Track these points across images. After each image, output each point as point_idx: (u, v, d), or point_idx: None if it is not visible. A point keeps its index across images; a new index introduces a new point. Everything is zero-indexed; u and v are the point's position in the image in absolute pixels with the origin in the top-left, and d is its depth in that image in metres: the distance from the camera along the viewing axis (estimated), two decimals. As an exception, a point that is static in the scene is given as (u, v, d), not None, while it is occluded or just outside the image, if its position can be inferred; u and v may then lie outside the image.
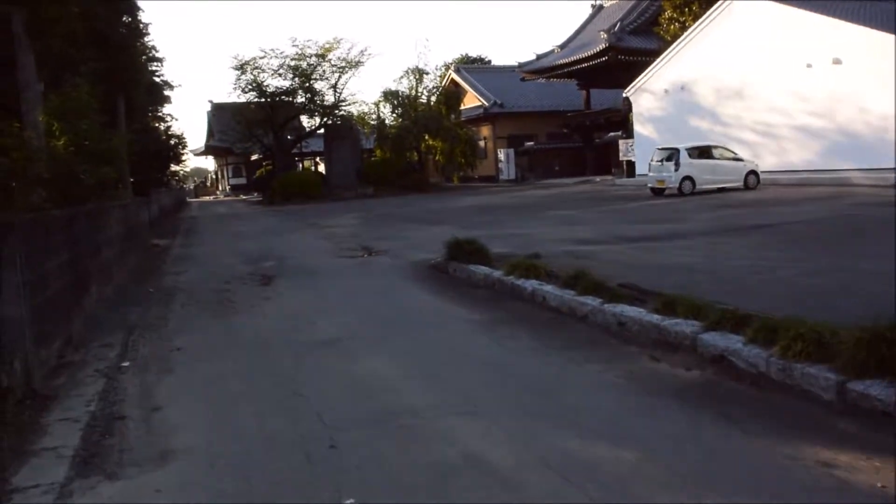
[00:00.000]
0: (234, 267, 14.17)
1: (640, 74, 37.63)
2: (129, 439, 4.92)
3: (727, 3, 30.29)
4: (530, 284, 8.60)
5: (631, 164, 39.06)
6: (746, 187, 25.90)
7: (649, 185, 26.62)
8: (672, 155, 25.79)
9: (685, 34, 33.72)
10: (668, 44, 36.53)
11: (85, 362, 7.23)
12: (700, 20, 32.41)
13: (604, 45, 41.08)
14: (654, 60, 36.83)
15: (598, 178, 42.92)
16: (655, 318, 6.40)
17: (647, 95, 36.90)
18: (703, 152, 26.56)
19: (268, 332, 8.03)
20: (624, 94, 39.00)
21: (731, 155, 26.76)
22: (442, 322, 7.95)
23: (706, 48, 31.86)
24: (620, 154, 40.57)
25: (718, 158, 26.45)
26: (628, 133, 40.18)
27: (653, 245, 12.49)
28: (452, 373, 5.98)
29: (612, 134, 44.79)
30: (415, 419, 4.86)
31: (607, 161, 45.98)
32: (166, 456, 4.54)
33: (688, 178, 25.35)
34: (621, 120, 42.34)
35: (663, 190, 25.78)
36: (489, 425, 4.65)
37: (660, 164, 26.06)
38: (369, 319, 8.40)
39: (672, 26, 38.39)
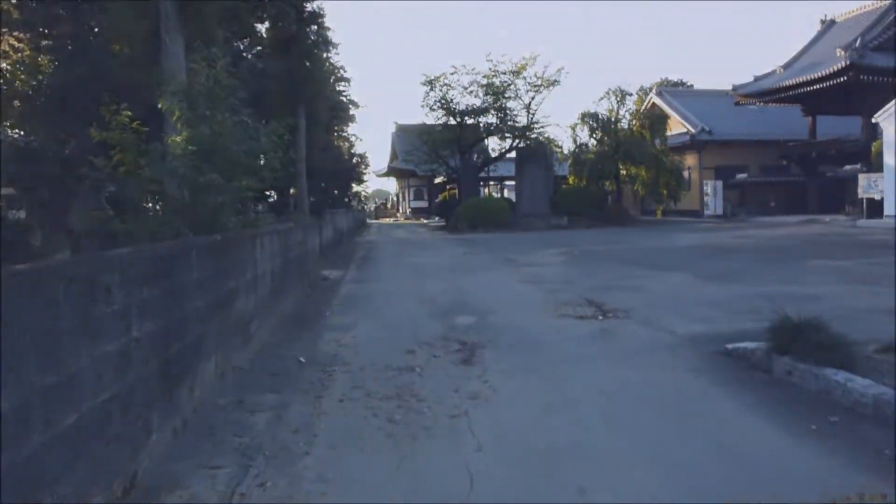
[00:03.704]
0: (418, 322, 10.38)
1: (884, 97, 31.57)
2: None
3: None
4: None
5: (874, 203, 32.79)
6: None
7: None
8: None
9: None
10: (926, 60, 30.39)
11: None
12: None
13: (842, 64, 35.12)
14: (903, 81, 30.78)
15: (826, 218, 36.68)
16: None
17: (906, 121, 30.63)
18: None
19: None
20: (873, 120, 32.83)
21: None
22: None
23: None
24: (860, 191, 34.22)
25: None
26: (871, 166, 33.88)
27: None
28: None
29: (848, 167, 38.41)
30: None
31: (836, 198, 39.66)
32: None
33: None
34: (860, 151, 36.07)
35: (950, 237, 20.04)
36: None
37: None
38: (698, 497, 4.17)
39: (934, 39, 32.08)
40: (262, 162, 8.18)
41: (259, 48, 24.82)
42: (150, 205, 8.05)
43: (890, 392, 5.42)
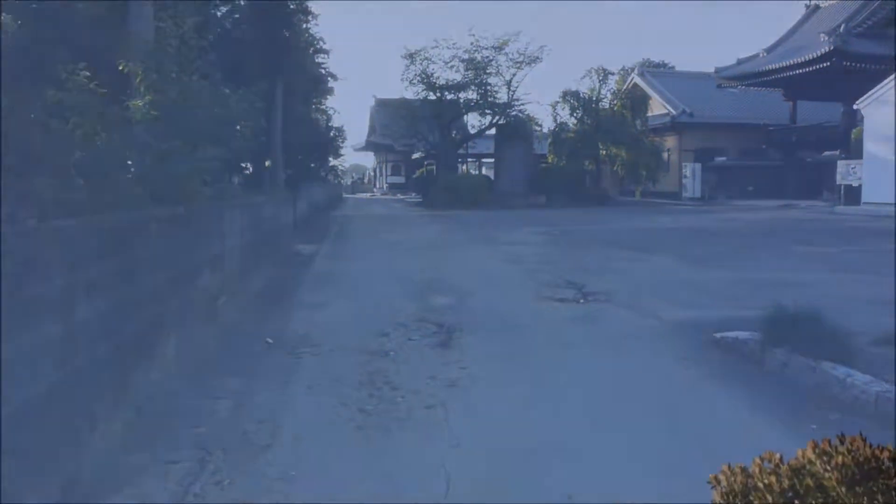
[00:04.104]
0: (393, 302, 9.96)
1: (865, 84, 31.20)
2: None
3: None
4: None
5: (852, 190, 32.66)
6: None
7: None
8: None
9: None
10: (909, 48, 30.13)
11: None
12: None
13: (826, 49, 34.85)
14: (887, 68, 30.45)
15: (803, 203, 36.45)
16: None
17: (887, 109, 30.38)
18: None
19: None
20: (855, 107, 32.63)
21: None
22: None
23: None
24: (838, 177, 34.04)
25: None
26: (850, 152, 33.75)
27: None
28: None
29: (828, 153, 38.29)
30: None
31: (813, 184, 39.51)
32: None
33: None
34: (839, 137, 35.94)
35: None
36: None
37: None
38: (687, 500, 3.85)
39: (919, 25, 31.83)
40: (235, 129, 7.69)
41: (237, 16, 24.07)
42: (119, 173, 7.58)
43: (893, 390, 5.12)
